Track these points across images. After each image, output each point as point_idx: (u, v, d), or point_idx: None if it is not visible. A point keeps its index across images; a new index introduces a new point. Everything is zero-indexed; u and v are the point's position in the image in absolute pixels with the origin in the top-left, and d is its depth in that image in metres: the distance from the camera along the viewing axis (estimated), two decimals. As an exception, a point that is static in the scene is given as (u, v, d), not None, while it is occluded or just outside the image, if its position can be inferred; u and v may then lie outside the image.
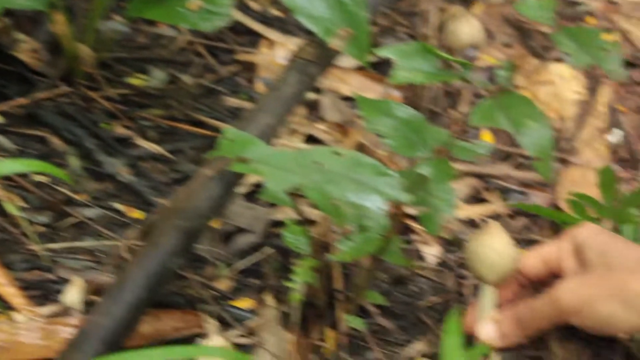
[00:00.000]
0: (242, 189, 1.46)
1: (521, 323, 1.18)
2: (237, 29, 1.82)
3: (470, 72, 1.12)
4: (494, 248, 1.17)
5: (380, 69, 1.68)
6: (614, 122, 1.82)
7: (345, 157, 0.97)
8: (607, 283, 1.14)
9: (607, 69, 1.17)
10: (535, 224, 1.54)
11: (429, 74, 1.11)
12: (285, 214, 1.41)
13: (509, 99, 1.05)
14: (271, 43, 1.82)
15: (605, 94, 1.88)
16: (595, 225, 1.24)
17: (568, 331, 1.27)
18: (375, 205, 0.95)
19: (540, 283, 1.26)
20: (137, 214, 1.36)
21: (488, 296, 1.22)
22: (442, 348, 0.80)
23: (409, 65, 1.13)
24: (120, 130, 1.51)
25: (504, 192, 1.63)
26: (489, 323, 1.20)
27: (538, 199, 1.61)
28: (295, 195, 1.40)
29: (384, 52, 1.17)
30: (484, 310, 1.21)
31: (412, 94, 1.49)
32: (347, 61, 1.76)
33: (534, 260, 1.23)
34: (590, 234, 1.20)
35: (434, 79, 1.11)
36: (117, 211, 1.37)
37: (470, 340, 1.26)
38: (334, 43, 1.22)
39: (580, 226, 1.24)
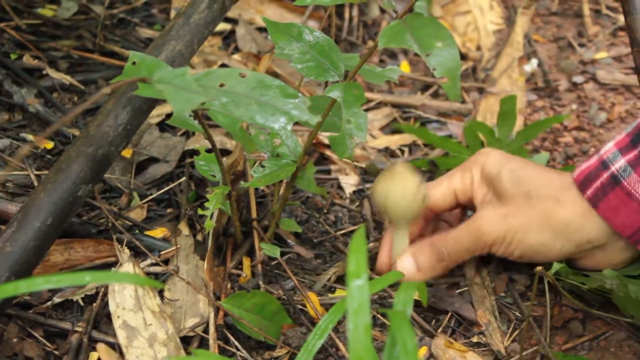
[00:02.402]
0: (155, 119, 1.44)
1: (440, 256, 1.18)
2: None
3: (388, 2, 1.10)
4: (404, 192, 1.14)
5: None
6: (530, 52, 1.83)
7: (251, 79, 0.95)
8: (533, 213, 1.14)
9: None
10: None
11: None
12: (199, 142, 1.40)
13: (417, 21, 1.04)
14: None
15: (523, 24, 1.90)
16: (498, 151, 1.22)
17: (482, 258, 1.29)
18: (283, 126, 0.94)
19: (444, 214, 1.27)
20: (46, 143, 1.34)
21: (401, 235, 1.20)
22: (347, 267, 0.80)
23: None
24: (30, 60, 1.48)
25: (422, 122, 1.63)
26: (407, 257, 1.19)
27: (456, 128, 1.62)
28: (211, 126, 1.40)
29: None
30: (399, 247, 1.20)
31: (328, 25, 1.47)
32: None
33: (443, 193, 1.22)
34: (497, 162, 1.18)
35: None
36: (27, 141, 1.34)
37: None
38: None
39: (483, 154, 1.21)
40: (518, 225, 1.15)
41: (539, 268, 1.06)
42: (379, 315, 1.19)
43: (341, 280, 1.26)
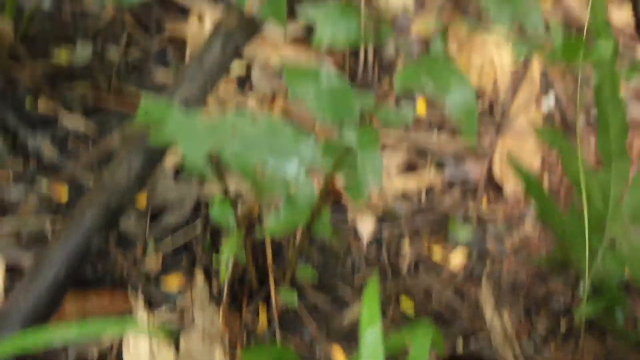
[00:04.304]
0: (169, 166, 1.43)
1: None
2: (165, 2, 1.78)
3: (404, 42, 1.10)
4: None
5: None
6: (547, 89, 1.81)
7: (263, 123, 0.95)
8: None
9: (529, 25, 1.12)
10: (471, 197, 1.52)
11: (352, 37, 1.09)
12: (214, 189, 1.38)
13: (433, 63, 1.03)
14: (201, 16, 1.79)
15: (539, 61, 1.88)
16: None
17: (498, 300, 1.26)
18: (296, 170, 0.93)
19: None
20: (61, 194, 1.32)
21: None
22: (360, 316, 0.78)
23: (331, 28, 1.10)
24: (44, 106, 1.47)
25: (439, 163, 1.61)
26: None
27: (473, 167, 1.60)
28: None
29: (305, 14, 1.14)
30: None
31: (343, 64, 1.47)
32: (279, 32, 1.75)
33: None
34: None
35: (356, 41, 1.08)
36: (41, 189, 1.33)
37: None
38: (249, 7, 1.19)
39: None
40: None
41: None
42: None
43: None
